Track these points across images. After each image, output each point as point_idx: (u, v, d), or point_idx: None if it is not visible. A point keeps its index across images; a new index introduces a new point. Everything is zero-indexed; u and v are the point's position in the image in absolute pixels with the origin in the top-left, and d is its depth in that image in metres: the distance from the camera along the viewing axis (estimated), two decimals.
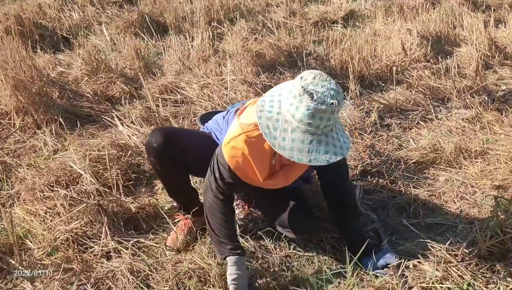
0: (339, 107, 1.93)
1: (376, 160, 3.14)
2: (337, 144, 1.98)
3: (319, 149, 1.94)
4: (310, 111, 1.89)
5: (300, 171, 2.34)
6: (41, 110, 3.75)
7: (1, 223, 2.77)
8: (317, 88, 1.90)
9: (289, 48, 4.60)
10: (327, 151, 1.95)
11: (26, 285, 2.29)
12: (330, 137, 1.97)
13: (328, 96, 1.90)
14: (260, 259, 2.50)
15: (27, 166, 3.24)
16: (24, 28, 5.35)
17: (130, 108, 3.88)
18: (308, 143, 1.93)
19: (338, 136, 2.01)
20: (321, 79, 1.94)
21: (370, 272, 2.32)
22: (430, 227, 2.71)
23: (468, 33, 5.07)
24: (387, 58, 4.46)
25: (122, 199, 2.90)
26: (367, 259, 2.36)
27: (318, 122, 1.91)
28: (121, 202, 2.86)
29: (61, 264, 2.41)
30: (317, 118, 1.90)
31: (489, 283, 2.26)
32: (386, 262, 2.33)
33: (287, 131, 1.95)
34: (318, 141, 1.94)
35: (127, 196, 2.96)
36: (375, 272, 2.32)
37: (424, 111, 3.82)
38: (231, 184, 2.30)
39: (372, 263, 2.34)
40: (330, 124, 1.95)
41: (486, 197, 2.90)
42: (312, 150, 1.93)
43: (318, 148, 1.94)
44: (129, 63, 4.65)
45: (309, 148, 1.93)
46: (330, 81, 1.95)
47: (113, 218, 2.70)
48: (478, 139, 3.42)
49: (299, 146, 1.94)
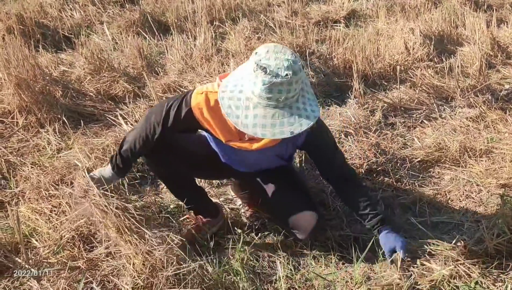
0: (296, 77, 1.90)
1: (381, 158, 3.13)
2: (303, 114, 1.95)
3: (282, 121, 1.93)
4: (266, 85, 1.88)
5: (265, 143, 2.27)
6: (44, 109, 3.74)
7: (6, 222, 2.76)
8: (269, 62, 1.89)
9: (292, 47, 4.59)
10: (292, 123, 1.93)
11: (32, 284, 2.28)
12: (295, 108, 1.94)
13: (282, 68, 1.88)
14: (266, 258, 2.50)
15: (31, 165, 3.23)
16: (25, 27, 5.33)
17: (134, 107, 3.87)
18: (270, 117, 1.92)
19: (305, 106, 1.97)
20: (275, 51, 1.92)
21: (377, 269, 2.32)
22: (436, 225, 2.71)
23: (471, 32, 5.07)
24: (390, 57, 4.45)
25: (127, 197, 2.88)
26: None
27: (277, 95, 1.89)
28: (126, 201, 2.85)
29: (67, 263, 2.40)
30: (275, 91, 1.89)
31: (496, 281, 2.26)
32: (393, 249, 2.30)
33: (249, 109, 1.95)
34: (281, 114, 1.93)
35: (132, 195, 2.95)
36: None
37: (428, 110, 3.82)
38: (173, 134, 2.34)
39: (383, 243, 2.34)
40: (293, 94, 1.93)
41: (492, 195, 2.90)
42: (275, 124, 1.92)
43: (282, 121, 1.92)
44: (131, 62, 4.64)
45: (272, 122, 1.92)
46: (285, 52, 1.93)
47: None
48: (483, 138, 3.41)
49: (262, 122, 1.93)
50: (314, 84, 4.14)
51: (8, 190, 3.01)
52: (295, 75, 1.89)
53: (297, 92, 1.95)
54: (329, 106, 3.86)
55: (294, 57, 1.94)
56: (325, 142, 2.37)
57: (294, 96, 1.95)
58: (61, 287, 2.24)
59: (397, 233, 2.35)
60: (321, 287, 2.31)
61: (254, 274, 2.37)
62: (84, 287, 2.27)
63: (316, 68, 4.31)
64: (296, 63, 1.92)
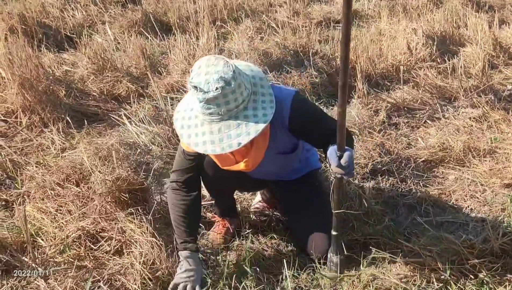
0: (230, 88, 1.87)
1: (386, 158, 3.14)
2: (251, 121, 1.93)
3: (229, 134, 1.92)
4: (202, 102, 1.89)
5: (258, 153, 2.24)
6: (48, 109, 3.74)
7: (12, 221, 2.76)
8: (199, 78, 1.88)
9: (296, 47, 4.60)
10: (239, 134, 1.92)
11: (40, 283, 2.28)
12: (242, 117, 1.93)
13: (212, 82, 1.86)
14: (272, 257, 2.50)
15: (36, 165, 3.23)
16: (27, 27, 5.34)
17: (138, 107, 3.87)
18: (217, 132, 1.93)
19: (256, 111, 1.95)
20: (205, 65, 1.90)
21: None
22: (441, 225, 2.72)
23: (473, 33, 5.08)
24: (392, 58, 4.46)
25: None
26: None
27: (216, 110, 1.89)
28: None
29: (74, 262, 2.39)
30: (213, 106, 1.89)
31: (503, 281, 2.26)
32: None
33: (197, 127, 1.96)
34: (227, 127, 1.92)
35: None
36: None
37: (431, 110, 3.83)
38: (187, 171, 2.31)
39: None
40: (236, 104, 1.91)
41: (496, 195, 2.91)
42: (222, 138, 1.92)
43: (229, 134, 1.92)
44: (134, 62, 4.64)
45: (220, 137, 1.92)
46: (217, 64, 1.89)
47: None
48: (486, 138, 3.42)
49: (210, 138, 1.93)
50: (318, 84, 4.15)
51: (14, 190, 3.01)
52: (229, 86, 1.87)
53: (242, 101, 1.93)
54: (333, 106, 3.86)
55: (226, 67, 1.89)
56: (310, 117, 2.24)
57: (240, 106, 1.93)
58: (68, 286, 2.24)
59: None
60: (327, 287, 2.31)
61: (260, 273, 2.37)
62: (92, 286, 2.26)
63: (320, 68, 4.31)
64: (227, 73, 1.88)
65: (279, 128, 2.21)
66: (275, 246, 2.55)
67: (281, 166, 2.47)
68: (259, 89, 2.01)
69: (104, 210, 2.63)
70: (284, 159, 2.42)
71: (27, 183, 3.04)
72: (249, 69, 2.09)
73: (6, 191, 3.01)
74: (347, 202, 2.74)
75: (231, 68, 1.90)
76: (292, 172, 2.56)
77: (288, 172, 2.55)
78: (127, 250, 2.44)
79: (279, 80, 4.10)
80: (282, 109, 2.14)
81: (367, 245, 2.49)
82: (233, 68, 1.91)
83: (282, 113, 2.15)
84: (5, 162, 3.23)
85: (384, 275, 2.29)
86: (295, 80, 4.12)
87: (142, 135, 3.43)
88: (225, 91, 1.87)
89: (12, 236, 2.56)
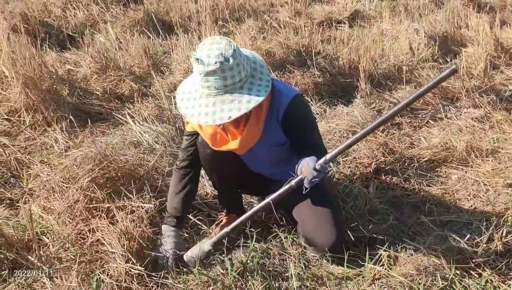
0: (228, 64, 2.01)
1: (389, 158, 3.15)
2: (244, 99, 2.06)
3: (222, 108, 2.06)
4: (202, 74, 2.04)
5: (251, 137, 2.31)
6: (51, 108, 3.75)
7: (16, 220, 2.76)
8: (202, 52, 2.04)
9: (298, 47, 4.61)
10: (231, 109, 2.05)
11: (45, 280, 2.29)
12: (237, 94, 2.06)
13: (212, 56, 2.01)
14: (277, 256, 2.51)
15: (40, 163, 3.24)
16: (30, 26, 5.35)
17: (141, 106, 3.88)
18: (212, 105, 2.07)
19: (250, 91, 2.08)
20: (209, 42, 2.06)
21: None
22: (445, 224, 2.73)
23: (474, 33, 5.10)
24: (395, 58, 4.48)
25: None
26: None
27: (214, 83, 2.04)
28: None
29: (77, 259, 2.40)
30: (211, 80, 2.03)
31: (507, 279, 2.28)
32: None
33: (195, 99, 2.12)
34: (221, 101, 2.06)
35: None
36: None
37: (434, 110, 3.84)
38: (186, 150, 2.50)
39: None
40: (233, 82, 2.05)
41: (499, 195, 2.92)
42: (215, 111, 2.06)
43: (222, 108, 2.06)
44: (137, 62, 4.65)
45: (213, 110, 2.06)
46: (220, 42, 2.05)
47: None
48: (488, 138, 3.43)
49: (205, 110, 2.08)
50: (320, 83, 4.16)
51: (18, 189, 3.02)
52: (227, 62, 2.01)
53: (239, 80, 2.06)
54: (336, 106, 3.88)
55: (228, 46, 2.04)
56: (302, 121, 2.35)
57: (236, 84, 2.07)
58: (74, 281, 2.24)
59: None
60: (332, 285, 2.32)
61: (266, 271, 2.37)
62: (97, 282, 2.27)
63: (322, 68, 4.32)
64: (228, 50, 2.03)
65: (274, 120, 2.32)
66: (280, 245, 2.55)
67: (278, 160, 2.50)
68: (258, 74, 2.16)
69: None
70: (279, 152, 2.46)
71: (32, 182, 3.04)
72: (253, 56, 2.24)
73: (11, 189, 3.02)
74: (351, 201, 2.76)
75: (232, 47, 2.05)
76: (293, 171, 2.56)
77: (288, 169, 2.55)
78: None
79: (282, 79, 4.11)
80: (281, 102, 2.29)
81: (372, 244, 2.51)
82: (234, 48, 2.06)
83: (280, 106, 2.29)
84: (9, 161, 3.24)
85: (389, 273, 2.31)
86: (298, 79, 4.14)
87: (146, 134, 3.43)
88: (223, 66, 2.01)
89: (17, 235, 2.56)
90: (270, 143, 2.39)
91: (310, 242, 2.45)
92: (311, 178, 2.13)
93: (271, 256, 2.50)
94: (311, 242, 2.44)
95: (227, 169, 2.52)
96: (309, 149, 2.26)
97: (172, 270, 2.38)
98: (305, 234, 2.47)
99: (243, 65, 2.08)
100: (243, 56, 2.11)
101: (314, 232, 2.41)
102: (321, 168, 2.12)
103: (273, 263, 2.45)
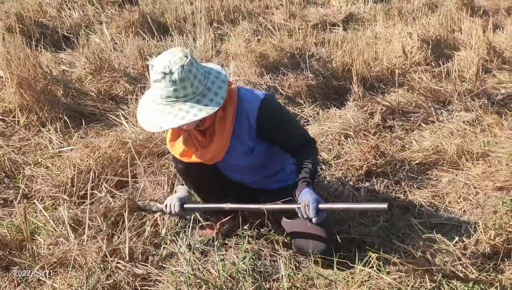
0: (171, 76, 2.04)
1: (380, 160, 3.18)
2: (179, 115, 2.09)
3: (160, 117, 2.10)
4: (152, 80, 2.10)
5: (220, 147, 2.36)
6: (46, 108, 3.76)
7: (10, 220, 2.78)
8: (157, 61, 2.08)
9: (292, 49, 4.64)
10: (165, 120, 2.09)
11: (44, 279, 2.31)
12: (177, 108, 2.09)
13: (160, 66, 2.05)
14: (268, 257, 2.54)
15: (34, 163, 3.25)
16: (25, 26, 5.35)
17: (135, 107, 3.89)
18: (154, 111, 2.13)
19: (192, 109, 2.09)
20: (168, 53, 2.11)
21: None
22: (434, 226, 2.76)
23: (467, 37, 5.14)
24: (388, 61, 4.51)
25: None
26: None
27: (161, 92, 2.08)
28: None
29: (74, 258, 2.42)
30: (159, 87, 2.07)
31: (494, 282, 2.30)
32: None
33: (149, 105, 2.17)
34: (161, 110, 2.11)
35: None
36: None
37: (426, 113, 3.87)
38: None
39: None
40: (176, 94, 2.07)
41: (489, 198, 2.96)
42: (154, 117, 2.12)
43: (159, 116, 2.10)
44: (132, 63, 4.67)
45: (154, 116, 2.12)
46: (174, 54, 2.09)
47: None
48: (479, 141, 3.47)
49: (148, 115, 2.15)
50: (313, 86, 4.19)
51: (12, 189, 3.03)
52: (171, 75, 2.03)
53: (183, 94, 2.08)
54: (329, 108, 3.90)
55: (180, 59, 2.07)
56: (276, 120, 2.36)
57: (179, 98, 2.09)
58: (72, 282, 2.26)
59: (317, 194, 2.30)
60: (322, 286, 2.35)
61: (257, 272, 2.40)
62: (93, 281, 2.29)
63: (316, 70, 4.35)
64: (176, 64, 2.05)
65: (245, 127, 2.34)
66: (271, 246, 2.58)
67: (256, 166, 2.51)
68: (210, 95, 2.16)
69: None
70: (255, 158, 2.46)
71: (25, 181, 3.06)
72: (216, 72, 2.25)
73: (5, 190, 3.03)
74: None
75: (182, 62, 2.06)
76: (275, 181, 2.60)
77: (269, 178, 2.59)
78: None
79: (275, 82, 4.14)
80: (249, 108, 2.31)
81: (361, 246, 2.54)
82: (184, 63, 2.06)
83: (249, 112, 2.31)
84: (3, 161, 3.25)
85: (378, 275, 2.33)
86: (292, 82, 4.16)
87: (140, 135, 3.45)
88: (166, 78, 2.04)
89: (11, 234, 2.58)
90: (242, 151, 2.40)
91: (301, 251, 2.49)
92: (305, 218, 2.21)
93: (262, 257, 2.52)
94: (302, 251, 2.49)
95: (204, 180, 2.56)
96: (297, 149, 2.37)
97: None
98: (296, 245, 2.51)
99: (190, 82, 2.08)
100: (194, 73, 2.10)
101: (305, 243, 2.45)
102: (318, 216, 2.20)
103: (264, 264, 2.48)
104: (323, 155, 3.30)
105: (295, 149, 2.43)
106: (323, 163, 3.23)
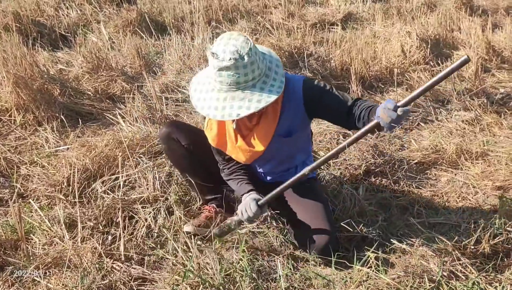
0: (243, 62, 2.01)
1: (379, 160, 3.16)
2: (254, 99, 2.08)
3: (232, 104, 2.08)
4: (216, 69, 2.05)
5: (267, 129, 2.34)
6: (42, 107, 3.74)
7: (5, 219, 2.75)
8: (218, 47, 2.05)
9: (290, 48, 4.62)
10: (240, 106, 2.08)
11: (38, 279, 2.29)
12: (248, 92, 2.08)
13: (228, 53, 2.02)
14: (266, 257, 2.52)
15: (30, 163, 3.23)
16: (22, 25, 5.33)
17: (132, 106, 3.87)
18: (222, 100, 2.09)
19: (263, 91, 2.09)
20: (227, 38, 2.07)
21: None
22: (433, 226, 2.74)
23: (466, 36, 5.13)
24: (386, 60, 4.50)
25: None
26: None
27: (227, 79, 2.05)
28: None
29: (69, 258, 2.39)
30: (224, 75, 2.05)
31: (493, 281, 2.29)
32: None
33: (208, 92, 2.14)
34: (232, 97, 2.09)
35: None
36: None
37: (425, 112, 3.86)
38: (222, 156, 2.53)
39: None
40: (246, 80, 2.06)
41: (488, 197, 2.94)
42: (225, 106, 2.09)
43: (232, 104, 2.08)
44: (129, 62, 4.65)
45: (223, 105, 2.09)
46: (237, 39, 2.05)
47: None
48: (478, 140, 3.46)
49: (214, 104, 2.11)
50: None
51: (8, 188, 3.01)
52: (242, 60, 2.01)
53: (252, 78, 2.07)
54: None
55: (245, 43, 2.04)
56: (321, 88, 2.31)
57: (249, 82, 2.08)
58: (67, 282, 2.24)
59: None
60: (320, 286, 2.33)
61: (255, 272, 2.38)
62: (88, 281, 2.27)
63: (314, 69, 4.34)
64: (244, 48, 2.03)
65: (293, 106, 2.33)
66: (269, 245, 2.56)
67: (284, 156, 2.51)
68: (272, 74, 2.16)
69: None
70: (287, 146, 2.44)
71: (21, 181, 3.03)
72: (269, 54, 2.24)
73: (0, 189, 3.00)
74: (341, 203, 2.77)
75: (249, 45, 2.05)
76: (291, 173, 2.56)
77: (289, 169, 2.58)
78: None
79: None
80: (294, 87, 2.31)
81: (360, 245, 2.52)
82: (251, 46, 2.05)
83: (294, 90, 2.30)
84: None
85: (376, 275, 2.31)
86: None
87: (137, 134, 3.43)
88: (237, 63, 2.01)
89: (6, 234, 2.56)
90: (281, 133, 2.37)
91: (304, 245, 2.47)
92: (390, 121, 1.92)
93: (260, 257, 2.50)
94: (303, 245, 2.47)
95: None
96: (350, 109, 2.21)
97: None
98: (297, 239, 2.49)
99: (257, 64, 2.08)
100: (258, 55, 2.11)
101: (306, 238, 2.43)
102: (402, 112, 1.93)
103: (262, 264, 2.46)
104: (321, 154, 3.28)
105: (349, 109, 2.23)
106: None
